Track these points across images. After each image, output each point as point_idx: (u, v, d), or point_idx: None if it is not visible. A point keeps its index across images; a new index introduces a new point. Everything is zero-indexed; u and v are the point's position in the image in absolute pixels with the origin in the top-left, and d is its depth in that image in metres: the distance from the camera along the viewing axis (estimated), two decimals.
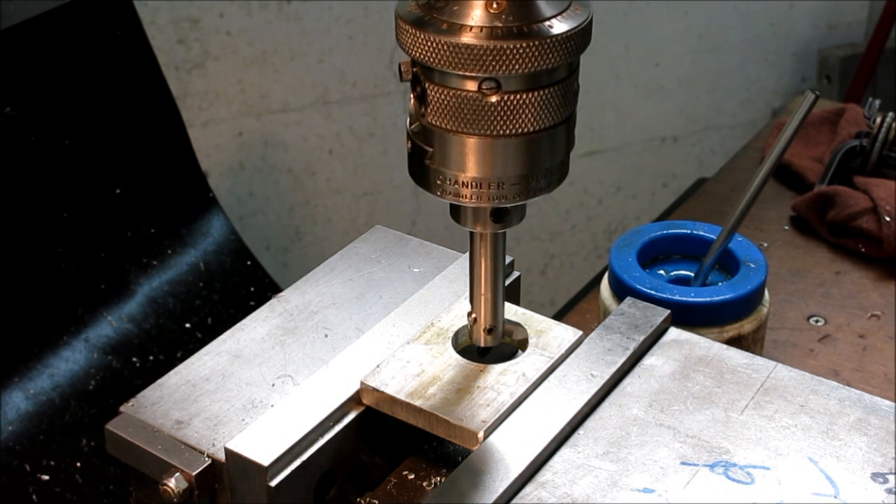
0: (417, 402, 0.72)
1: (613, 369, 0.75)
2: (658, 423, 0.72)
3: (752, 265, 0.98)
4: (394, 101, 2.16)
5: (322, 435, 0.71)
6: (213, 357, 0.79)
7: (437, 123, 0.64)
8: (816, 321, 1.15)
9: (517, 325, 0.78)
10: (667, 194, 2.39)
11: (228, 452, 0.70)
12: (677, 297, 0.94)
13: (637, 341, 0.77)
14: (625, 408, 0.73)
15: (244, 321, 0.82)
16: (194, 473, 0.70)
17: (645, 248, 1.01)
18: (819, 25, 2.43)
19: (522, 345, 0.77)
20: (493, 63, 0.60)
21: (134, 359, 1.33)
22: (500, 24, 0.61)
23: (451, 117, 0.63)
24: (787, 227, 1.30)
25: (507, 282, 0.84)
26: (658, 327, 0.79)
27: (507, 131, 0.63)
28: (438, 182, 0.66)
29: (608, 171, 2.41)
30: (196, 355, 0.79)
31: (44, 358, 1.28)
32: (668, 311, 0.80)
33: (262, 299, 0.99)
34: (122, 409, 0.75)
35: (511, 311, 0.79)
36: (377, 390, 0.73)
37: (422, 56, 0.62)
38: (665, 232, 1.03)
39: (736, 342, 0.94)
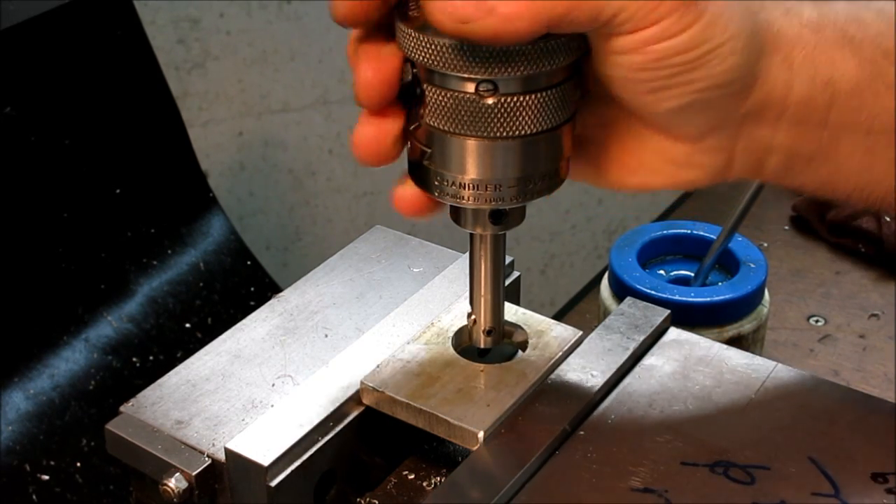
0: (417, 402, 0.72)
1: (613, 369, 0.75)
2: (658, 423, 0.72)
3: (752, 265, 0.98)
4: None
5: (322, 435, 0.71)
6: (213, 357, 0.79)
7: (436, 125, 0.64)
8: (816, 321, 1.15)
9: (517, 325, 0.78)
10: (667, 194, 2.39)
11: (228, 452, 0.70)
12: (677, 297, 0.94)
13: (637, 341, 0.77)
14: (625, 408, 0.73)
15: (244, 321, 0.82)
16: (194, 473, 0.70)
17: (645, 248, 1.01)
18: None
19: (522, 345, 0.77)
20: (491, 65, 0.60)
21: (134, 359, 1.33)
22: None
23: (448, 119, 0.63)
24: (787, 227, 1.30)
25: (507, 282, 0.84)
26: (658, 327, 0.79)
27: (505, 133, 0.63)
28: (437, 183, 0.66)
29: None
30: (196, 355, 0.79)
31: (44, 358, 1.28)
32: (668, 311, 0.80)
33: (262, 299, 0.99)
34: (122, 409, 0.75)
35: (511, 311, 0.79)
36: (377, 390, 0.73)
37: (419, 57, 0.62)
38: (665, 232, 1.03)
39: (736, 342, 0.94)
